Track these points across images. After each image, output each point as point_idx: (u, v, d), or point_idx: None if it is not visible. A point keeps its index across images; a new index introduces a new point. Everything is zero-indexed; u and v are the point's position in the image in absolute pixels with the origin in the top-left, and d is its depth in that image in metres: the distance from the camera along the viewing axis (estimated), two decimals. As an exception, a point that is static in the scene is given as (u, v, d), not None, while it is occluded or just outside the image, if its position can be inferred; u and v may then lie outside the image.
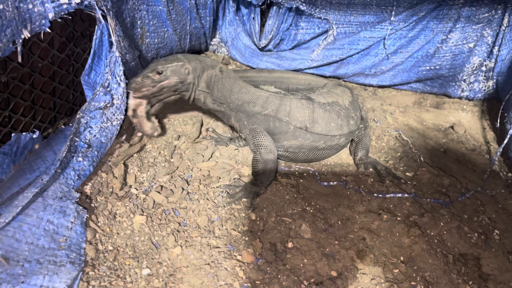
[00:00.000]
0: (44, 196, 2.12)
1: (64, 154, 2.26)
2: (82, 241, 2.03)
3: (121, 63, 2.50)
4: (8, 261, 1.78)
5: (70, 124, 2.76)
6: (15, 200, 1.99)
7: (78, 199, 2.23)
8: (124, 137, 2.76)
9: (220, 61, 4.10)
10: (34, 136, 2.50)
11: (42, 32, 2.07)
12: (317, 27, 3.80)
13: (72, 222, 2.08)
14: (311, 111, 2.62)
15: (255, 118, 2.62)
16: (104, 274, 1.91)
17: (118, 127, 2.73)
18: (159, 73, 2.45)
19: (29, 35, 1.97)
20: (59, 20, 2.12)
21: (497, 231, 2.40)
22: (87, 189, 2.36)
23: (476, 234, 2.35)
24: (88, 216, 2.17)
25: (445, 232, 2.35)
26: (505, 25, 3.40)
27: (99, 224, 2.18)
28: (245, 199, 2.46)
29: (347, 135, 2.79)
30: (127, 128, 2.87)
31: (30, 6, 1.94)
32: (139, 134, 2.82)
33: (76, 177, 2.37)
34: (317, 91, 2.95)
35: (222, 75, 2.64)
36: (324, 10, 3.64)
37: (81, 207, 2.19)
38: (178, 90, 2.59)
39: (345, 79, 3.99)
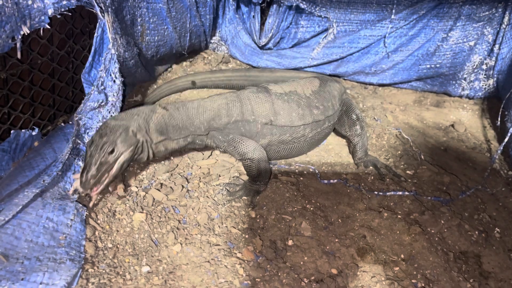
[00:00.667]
0: (44, 195, 2.11)
1: (66, 157, 2.24)
2: (82, 239, 2.03)
3: (116, 60, 2.49)
4: (8, 258, 1.77)
5: (70, 122, 2.75)
6: (15, 198, 1.98)
7: (77, 197, 2.22)
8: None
9: (219, 60, 4.10)
10: (34, 133, 2.49)
11: (42, 28, 2.07)
12: (317, 25, 3.79)
13: (71, 220, 2.07)
14: (271, 103, 2.58)
15: (227, 129, 2.53)
16: (104, 271, 1.90)
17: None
18: (111, 152, 2.12)
19: (28, 31, 1.97)
20: (58, 16, 2.11)
21: (497, 229, 2.40)
22: (87, 186, 2.35)
23: (476, 232, 2.35)
24: (87, 213, 2.17)
25: (445, 230, 2.34)
26: (505, 23, 3.39)
27: (99, 221, 2.17)
28: (245, 197, 2.45)
29: (312, 125, 2.71)
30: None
31: (30, 2, 1.93)
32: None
33: (77, 179, 2.35)
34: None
35: (168, 111, 2.40)
36: (324, 8, 3.63)
37: (80, 205, 2.18)
38: (136, 156, 2.27)
39: (345, 78, 3.99)
